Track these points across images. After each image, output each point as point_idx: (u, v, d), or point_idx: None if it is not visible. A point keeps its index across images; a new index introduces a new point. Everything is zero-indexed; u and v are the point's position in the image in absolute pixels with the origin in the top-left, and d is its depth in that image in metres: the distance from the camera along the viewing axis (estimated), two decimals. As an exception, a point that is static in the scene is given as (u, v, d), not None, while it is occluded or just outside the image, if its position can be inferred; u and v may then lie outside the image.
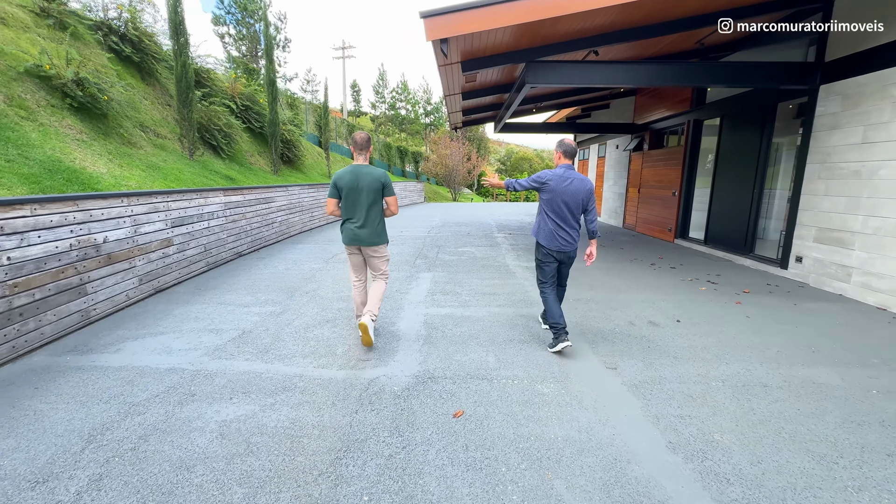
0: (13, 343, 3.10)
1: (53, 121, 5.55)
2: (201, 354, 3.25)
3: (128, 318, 4.06)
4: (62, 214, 3.56)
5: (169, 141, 8.18)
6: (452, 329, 3.85)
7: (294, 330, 3.80)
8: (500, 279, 5.75)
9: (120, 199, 4.31)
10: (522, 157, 48.42)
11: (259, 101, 12.54)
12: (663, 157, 9.77)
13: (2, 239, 3.01)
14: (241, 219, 7.27)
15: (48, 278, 3.41)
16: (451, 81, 6.50)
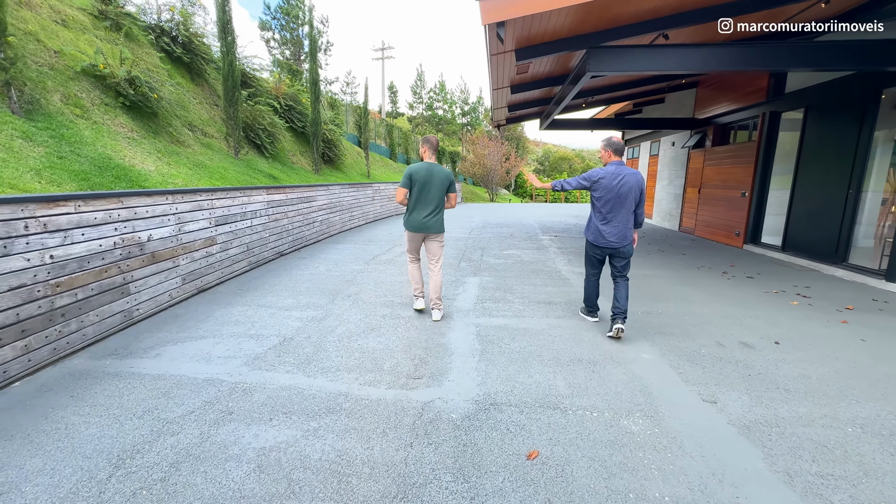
0: (54, 345, 2.98)
1: (106, 119, 5.60)
2: (241, 364, 3.01)
3: (169, 320, 3.92)
4: (107, 211, 3.44)
5: (215, 140, 8.24)
6: (510, 343, 3.43)
7: (337, 338, 3.51)
8: (553, 286, 5.27)
9: (165, 196, 4.20)
10: (562, 157, 47.08)
11: (302, 101, 12.61)
12: (730, 153, 8.88)
13: (45, 236, 2.89)
14: (283, 218, 7.17)
15: (91, 277, 3.29)
16: (502, 73, 6.08)
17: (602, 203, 3.54)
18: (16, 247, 2.69)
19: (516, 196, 36.00)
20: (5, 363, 2.64)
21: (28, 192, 3.60)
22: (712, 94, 9.63)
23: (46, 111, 4.78)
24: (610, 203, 3.49)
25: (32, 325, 2.81)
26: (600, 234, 3.59)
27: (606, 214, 3.54)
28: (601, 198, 3.53)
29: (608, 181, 3.48)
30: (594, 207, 3.64)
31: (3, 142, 3.89)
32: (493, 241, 8.92)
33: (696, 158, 10.35)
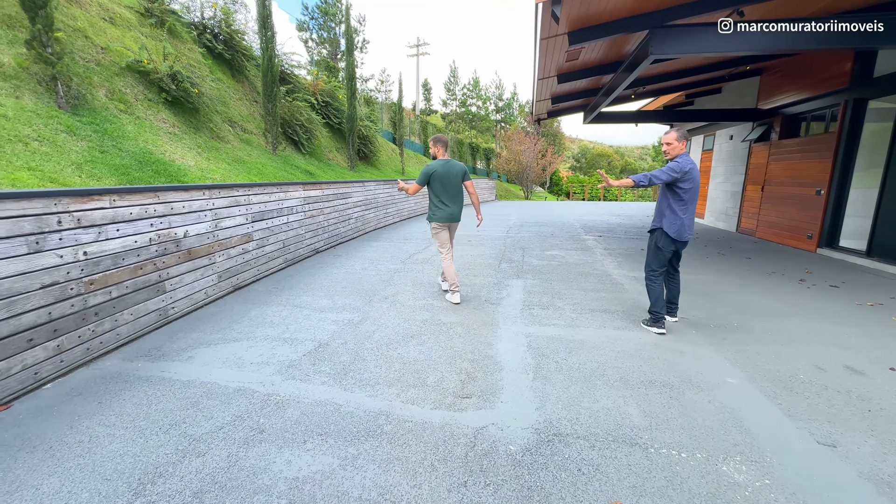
0: (87, 345, 2.87)
1: (149, 114, 5.60)
2: (274, 372, 2.79)
3: (204, 319, 3.79)
4: (142, 207, 3.32)
5: (254, 136, 8.24)
6: (566, 358, 3.05)
7: (375, 345, 3.24)
8: (606, 292, 4.80)
9: (201, 191, 4.07)
10: (600, 153, 45.46)
11: (338, 98, 12.57)
12: (802, 147, 8.01)
13: (78, 232, 2.77)
14: (319, 214, 7.03)
15: (126, 275, 3.17)
16: (549, 61, 5.64)
17: (689, 195, 3.32)
18: (48, 243, 2.57)
19: (552, 194, 35.02)
20: (37, 364, 2.53)
21: (67, 186, 3.54)
22: (780, 81, 8.73)
23: (91, 106, 4.79)
24: (694, 195, 3.35)
25: (65, 324, 2.69)
26: (685, 228, 3.37)
27: (690, 207, 3.36)
28: (689, 189, 3.29)
29: (695, 172, 3.30)
30: (679, 200, 3.33)
31: (47, 136, 3.87)
32: (533, 241, 8.47)
33: (759, 153, 9.45)
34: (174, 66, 6.07)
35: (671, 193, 3.35)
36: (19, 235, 2.40)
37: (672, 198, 3.35)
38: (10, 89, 4.12)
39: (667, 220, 3.38)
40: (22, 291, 2.41)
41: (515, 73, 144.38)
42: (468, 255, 6.85)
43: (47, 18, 4.30)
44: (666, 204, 3.39)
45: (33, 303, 2.48)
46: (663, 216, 3.41)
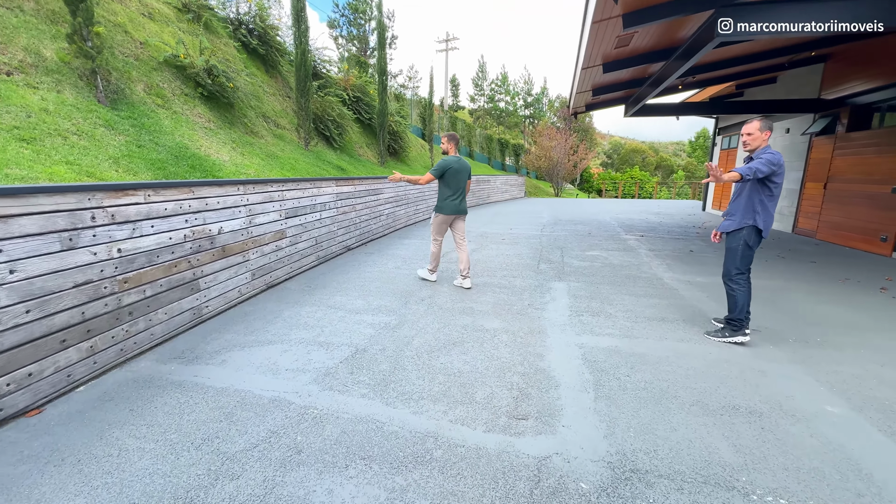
0: (121, 346, 2.76)
1: (185, 109, 5.56)
2: (310, 380, 2.60)
3: (237, 318, 3.67)
4: (177, 202, 3.20)
5: (287, 131, 8.18)
6: (628, 374, 2.72)
7: (415, 353, 3.01)
8: (659, 298, 4.41)
9: (236, 186, 3.95)
10: (634, 149, 43.89)
11: (369, 93, 12.46)
12: (877, 140, 7.25)
13: (112, 228, 2.66)
14: (351, 210, 6.89)
15: (160, 273, 3.06)
16: (598, 47, 5.25)
17: (778, 190, 3.10)
18: (82, 239, 2.46)
19: (582, 191, 34.06)
20: (70, 366, 2.42)
21: (104, 180, 3.48)
22: (850, 68, 7.95)
23: (130, 100, 4.77)
24: (781, 189, 3.16)
25: (98, 324, 2.59)
26: (770, 224, 3.19)
27: (776, 202, 3.14)
28: (780, 184, 3.09)
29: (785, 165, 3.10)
30: (770, 195, 3.09)
31: (86, 129, 3.83)
32: (570, 241, 8.07)
33: (821, 147, 8.68)
34: (210, 61, 6.02)
35: (763, 188, 3.07)
36: (52, 232, 2.29)
37: (764, 192, 3.08)
38: (51, 83, 4.12)
39: (760, 216, 3.12)
40: (55, 290, 2.30)
41: (545, 67, 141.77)
42: (504, 255, 6.54)
43: (87, 12, 4.28)
44: (758, 199, 3.10)
45: (66, 302, 2.37)
46: (756, 212, 3.12)
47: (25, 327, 2.17)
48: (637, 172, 34.20)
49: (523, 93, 47.58)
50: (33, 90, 3.91)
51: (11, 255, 2.09)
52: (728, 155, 13.46)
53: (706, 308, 4.09)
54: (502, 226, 10.24)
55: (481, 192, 17.69)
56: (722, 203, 13.69)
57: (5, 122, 3.45)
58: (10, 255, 2.09)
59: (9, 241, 2.08)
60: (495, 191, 19.73)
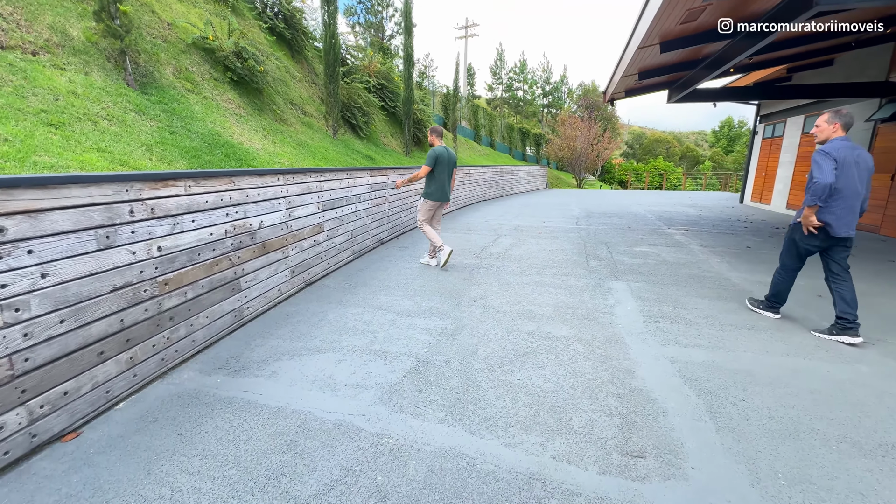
0: (162, 355, 2.47)
1: (215, 94, 5.25)
2: (375, 399, 2.27)
3: (280, 321, 3.37)
4: (218, 194, 2.88)
5: (315, 119, 7.85)
6: (743, 398, 2.32)
7: (485, 366, 2.66)
8: (735, 301, 3.97)
9: (276, 176, 3.62)
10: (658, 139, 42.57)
11: (393, 80, 12.04)
12: (958, 126, 6.58)
13: (152, 224, 2.35)
14: (384, 202, 6.55)
15: (201, 272, 2.75)
16: (662, 22, 4.74)
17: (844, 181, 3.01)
18: (120, 237, 2.15)
19: (604, 182, 33.17)
20: (109, 381, 2.13)
21: (138, 169, 3.18)
22: (926, 47, 7.23)
23: (159, 84, 4.47)
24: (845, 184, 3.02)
25: (138, 332, 2.29)
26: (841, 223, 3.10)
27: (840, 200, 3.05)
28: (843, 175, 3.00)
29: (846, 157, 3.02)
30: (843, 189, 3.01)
31: (116, 114, 3.54)
32: (612, 235, 7.60)
33: (888, 135, 7.99)
34: (240, 43, 5.69)
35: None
36: (88, 229, 1.98)
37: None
38: (79, 65, 3.83)
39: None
40: (91, 296, 2.00)
41: (565, 55, 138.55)
42: (547, 250, 6.14)
43: (115, -12, 3.97)
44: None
45: (104, 309, 2.07)
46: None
47: (60, 339, 1.87)
48: (661, 163, 33.12)
49: (542, 81, 46.48)
50: (60, 71, 3.62)
51: (43, 256, 1.79)
52: (771, 144, 12.70)
53: (795, 314, 3.64)
54: (534, 218, 9.80)
55: (505, 184, 17.19)
56: (763, 195, 12.97)
57: (32, 105, 3.17)
58: (41, 257, 1.78)
59: (40, 241, 1.78)
60: (518, 182, 19.20)
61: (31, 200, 1.74)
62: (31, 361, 1.76)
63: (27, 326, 1.74)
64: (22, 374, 1.73)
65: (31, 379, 1.77)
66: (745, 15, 5.09)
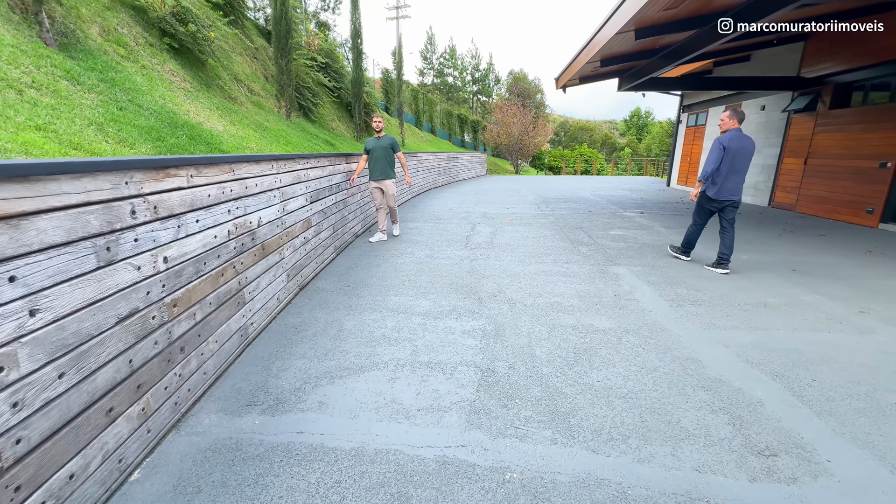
0: (175, 398, 1.89)
1: (155, 63, 4.31)
2: (463, 423, 1.94)
3: (290, 335, 2.84)
4: (219, 186, 2.28)
5: (263, 99, 6.93)
6: (815, 378, 2.37)
7: (555, 369, 2.44)
8: (733, 280, 4.18)
9: (270, 164, 3.02)
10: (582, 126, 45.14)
11: (338, 59, 11.13)
12: (862, 118, 7.64)
13: (156, 227, 1.75)
14: (358, 192, 5.99)
15: (208, 286, 2.17)
16: (647, 8, 4.75)
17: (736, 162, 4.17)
18: (122, 247, 1.56)
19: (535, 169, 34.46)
20: (120, 446, 1.56)
21: (97, 154, 2.42)
22: (832, 46, 8.27)
23: (86, 47, 3.51)
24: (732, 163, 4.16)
25: (149, 373, 1.71)
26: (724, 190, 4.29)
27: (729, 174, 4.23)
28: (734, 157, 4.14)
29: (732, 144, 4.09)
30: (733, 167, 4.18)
31: (44, 82, 2.67)
32: (580, 220, 7.77)
33: (801, 124, 9.08)
34: (181, 1, 4.72)
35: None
36: (85, 238, 1.39)
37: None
38: (-28, 14, 2.82)
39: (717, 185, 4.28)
40: (94, 333, 1.42)
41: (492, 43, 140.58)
42: (529, 237, 6.06)
43: (19, -89, 2.97)
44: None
45: (109, 349, 1.49)
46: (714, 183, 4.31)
47: (61, 401, 1.29)
48: (586, 150, 35.23)
49: (471, 67, 46.76)
50: (-55, 22, 2.63)
51: (31, 283, 1.20)
52: (695, 132, 13.94)
53: (788, 290, 3.92)
54: (494, 205, 9.75)
55: (451, 170, 16.99)
56: (688, 179, 14.28)
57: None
58: (28, 285, 1.19)
59: (24, 261, 1.18)
60: (463, 168, 19.11)
61: (8, 200, 1.14)
62: (25, 442, 1.18)
63: (16, 392, 1.15)
64: (14, 463, 1.15)
65: (27, 468, 1.19)
66: (711, 8, 5.32)
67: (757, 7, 4.61)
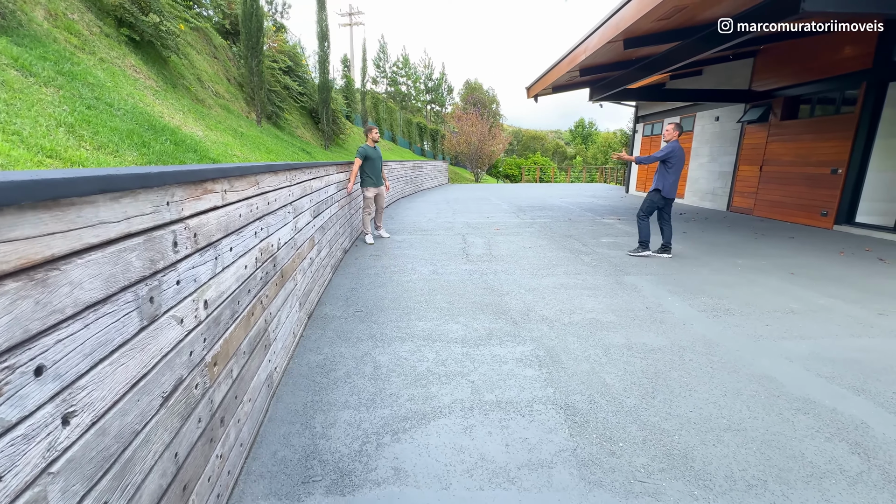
0: (217, 489, 1.41)
1: (115, 57, 3.66)
2: (580, 482, 1.63)
3: (317, 376, 2.39)
4: (248, 203, 1.83)
5: (230, 102, 6.25)
6: (894, 391, 2.31)
7: (636, 399, 2.20)
8: (745, 287, 4.21)
9: (285, 174, 2.56)
10: (534, 136, 46.57)
11: (301, 62, 10.50)
12: (812, 128, 8.30)
13: (195, 261, 1.29)
14: (347, 203, 5.52)
15: (241, 331, 1.70)
16: (645, 18, 4.78)
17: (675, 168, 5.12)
18: (165, 295, 1.10)
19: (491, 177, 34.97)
20: (165, 581, 1.08)
21: (79, 164, 1.87)
22: (779, 63, 8.96)
23: (31, 32, 2.84)
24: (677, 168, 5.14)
25: (194, 467, 1.24)
26: (671, 190, 5.21)
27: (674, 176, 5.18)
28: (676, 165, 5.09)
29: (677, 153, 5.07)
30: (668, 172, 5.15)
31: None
32: (566, 228, 7.74)
33: (754, 134, 9.75)
34: (142, -13, 4.06)
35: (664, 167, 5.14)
36: (125, 288, 0.93)
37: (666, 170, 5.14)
38: None
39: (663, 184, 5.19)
40: (137, 428, 0.96)
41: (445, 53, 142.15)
42: (527, 248, 5.89)
43: None
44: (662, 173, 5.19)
45: (155, 447, 1.03)
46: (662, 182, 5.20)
47: (103, 550, 0.82)
48: (539, 158, 36.33)
49: (424, 77, 46.85)
50: None
51: (63, 373, 0.74)
52: (651, 141, 14.68)
53: (800, 293, 3.99)
54: (471, 214, 9.56)
55: (417, 179, 16.67)
56: (646, 186, 14.98)
57: None
58: (60, 377, 0.73)
59: (54, 336, 0.72)
60: (427, 177, 18.85)
61: (31, 240, 0.68)
62: None
63: (48, 558, 0.69)
64: None
65: None
66: (695, 21, 5.49)
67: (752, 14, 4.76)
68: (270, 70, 8.01)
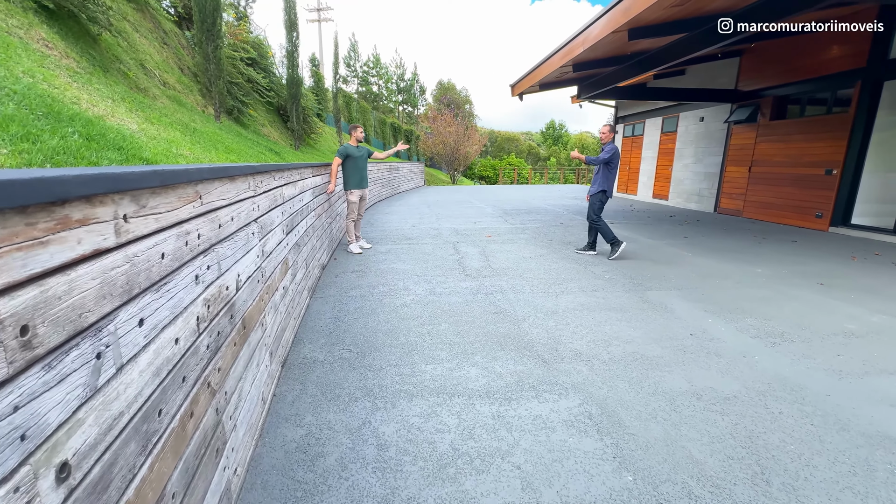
0: None
1: (14, 25, 2.77)
2: None
3: (300, 470, 1.68)
4: (177, 231, 1.09)
5: (182, 94, 5.34)
6: None
7: (777, 497, 1.61)
8: (798, 298, 3.76)
9: (246, 180, 1.82)
10: (508, 137, 46.50)
11: (268, 55, 9.57)
12: (802, 128, 8.14)
13: (29, 387, 0.56)
14: (323, 212, 4.75)
15: (179, 425, 0.96)
16: (655, 6, 4.28)
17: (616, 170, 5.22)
18: None
19: (467, 178, 34.50)
20: None
21: None
22: (767, 63, 8.81)
23: None
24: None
25: None
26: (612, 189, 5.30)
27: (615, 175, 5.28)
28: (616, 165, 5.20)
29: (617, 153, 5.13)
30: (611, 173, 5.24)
31: None
32: (560, 234, 7.23)
33: (742, 134, 9.58)
34: (57, -60, 3.18)
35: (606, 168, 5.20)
36: None
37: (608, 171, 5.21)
38: None
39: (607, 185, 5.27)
40: None
41: (417, 53, 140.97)
42: (529, 258, 5.30)
43: None
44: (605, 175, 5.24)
45: None
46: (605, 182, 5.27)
47: None
48: (514, 160, 36.17)
49: (396, 77, 45.99)
50: None
51: None
52: (632, 142, 14.50)
53: (847, 309, 3.57)
54: (456, 220, 8.93)
55: (394, 182, 15.91)
56: (628, 187, 14.81)
57: None
58: None
59: None
60: (403, 179, 18.10)
61: None
62: None
63: None
64: None
65: None
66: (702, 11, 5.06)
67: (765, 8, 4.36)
68: (231, 60, 7.11)
